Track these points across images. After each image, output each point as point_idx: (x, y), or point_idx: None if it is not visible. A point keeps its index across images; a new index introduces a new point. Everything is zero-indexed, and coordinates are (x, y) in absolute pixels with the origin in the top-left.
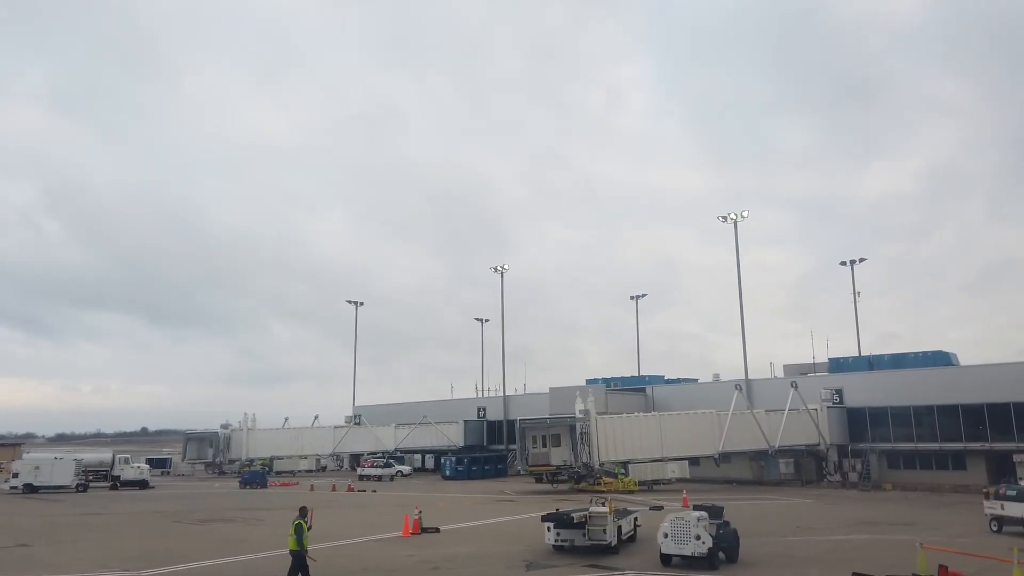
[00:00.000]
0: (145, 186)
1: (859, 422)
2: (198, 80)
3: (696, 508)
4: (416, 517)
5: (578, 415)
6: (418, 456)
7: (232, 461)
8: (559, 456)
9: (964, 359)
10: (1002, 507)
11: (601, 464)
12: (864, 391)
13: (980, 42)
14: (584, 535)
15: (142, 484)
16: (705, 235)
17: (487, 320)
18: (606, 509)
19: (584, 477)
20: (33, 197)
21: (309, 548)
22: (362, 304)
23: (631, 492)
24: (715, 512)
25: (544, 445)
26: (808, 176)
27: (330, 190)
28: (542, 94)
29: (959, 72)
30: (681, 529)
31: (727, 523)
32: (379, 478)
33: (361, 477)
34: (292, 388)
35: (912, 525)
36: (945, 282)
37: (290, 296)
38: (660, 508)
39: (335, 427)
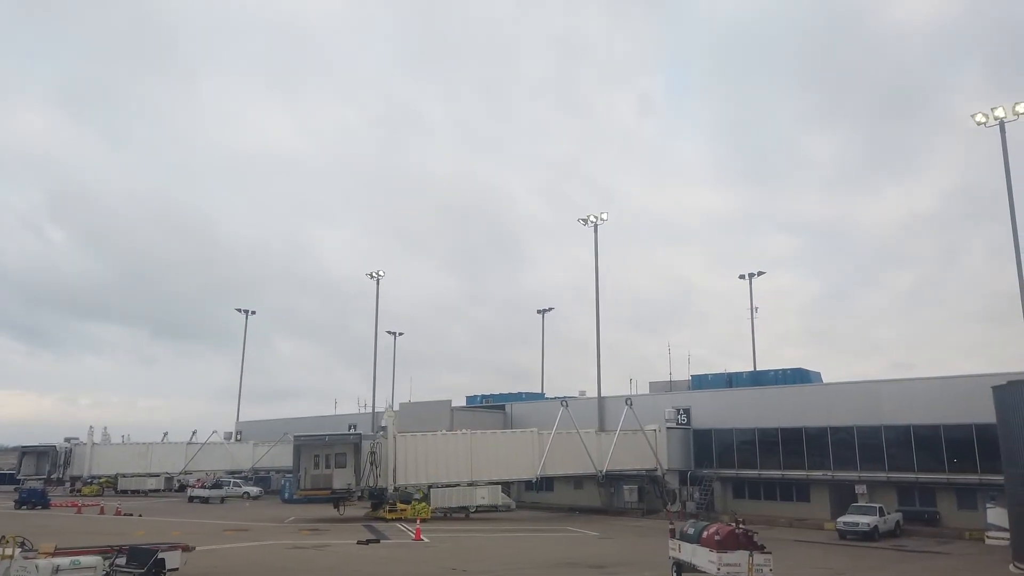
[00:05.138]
0: (153, 193)
1: (705, 445)
2: (213, 84)
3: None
4: None
5: (375, 433)
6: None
7: (75, 478)
8: (343, 479)
9: None
10: (679, 549)
11: (397, 488)
12: (713, 411)
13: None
14: None
15: None
16: (721, 257)
17: (400, 333)
18: None
19: (382, 502)
20: (37, 202)
21: None
22: (254, 313)
23: (425, 520)
24: (140, 556)
25: (327, 466)
26: (828, 195)
27: (343, 200)
28: (565, 103)
29: (996, 85)
30: None
31: (153, 570)
32: (206, 500)
33: (191, 499)
34: (296, 405)
35: (601, 568)
36: (967, 309)
37: (299, 310)
38: (376, 542)
39: (187, 444)
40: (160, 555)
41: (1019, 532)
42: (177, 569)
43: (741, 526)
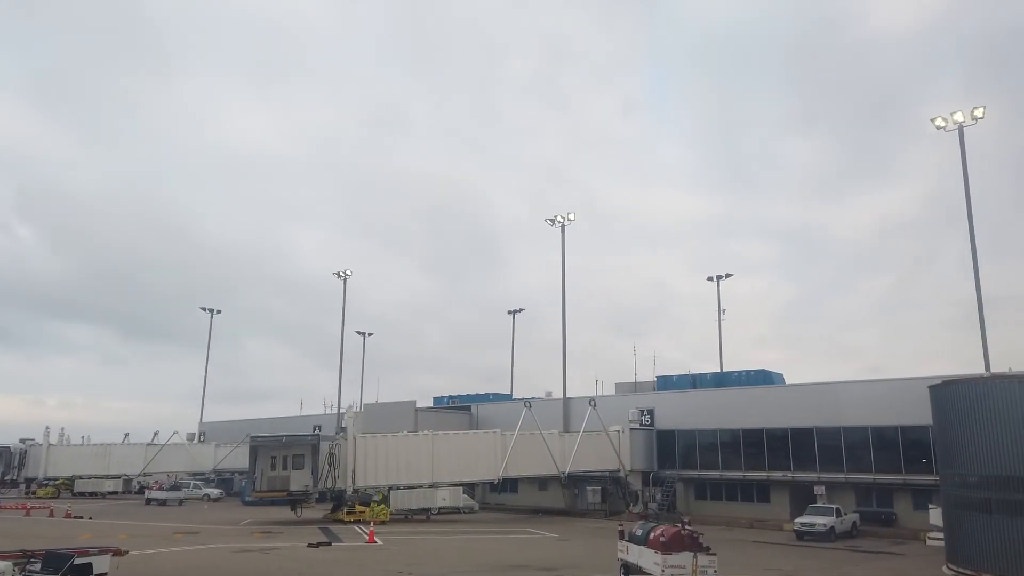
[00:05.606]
0: (128, 191)
1: (669, 446)
2: (193, 79)
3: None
4: None
5: (336, 434)
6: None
7: (30, 480)
8: (300, 480)
9: None
10: (627, 551)
11: (356, 490)
12: (677, 412)
13: (1000, 67)
14: None
15: None
16: (700, 261)
17: (370, 334)
18: None
19: (341, 504)
20: (5, 198)
21: None
22: (219, 312)
23: (384, 523)
24: (55, 561)
25: (284, 468)
26: (806, 200)
27: (322, 200)
28: (548, 104)
29: (977, 92)
30: None
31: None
32: (163, 502)
33: (148, 501)
34: (271, 406)
35: (551, 570)
36: (943, 314)
37: (275, 310)
38: (328, 544)
39: (147, 445)
40: (81, 560)
41: (953, 533)
42: (106, 574)
43: (687, 527)
